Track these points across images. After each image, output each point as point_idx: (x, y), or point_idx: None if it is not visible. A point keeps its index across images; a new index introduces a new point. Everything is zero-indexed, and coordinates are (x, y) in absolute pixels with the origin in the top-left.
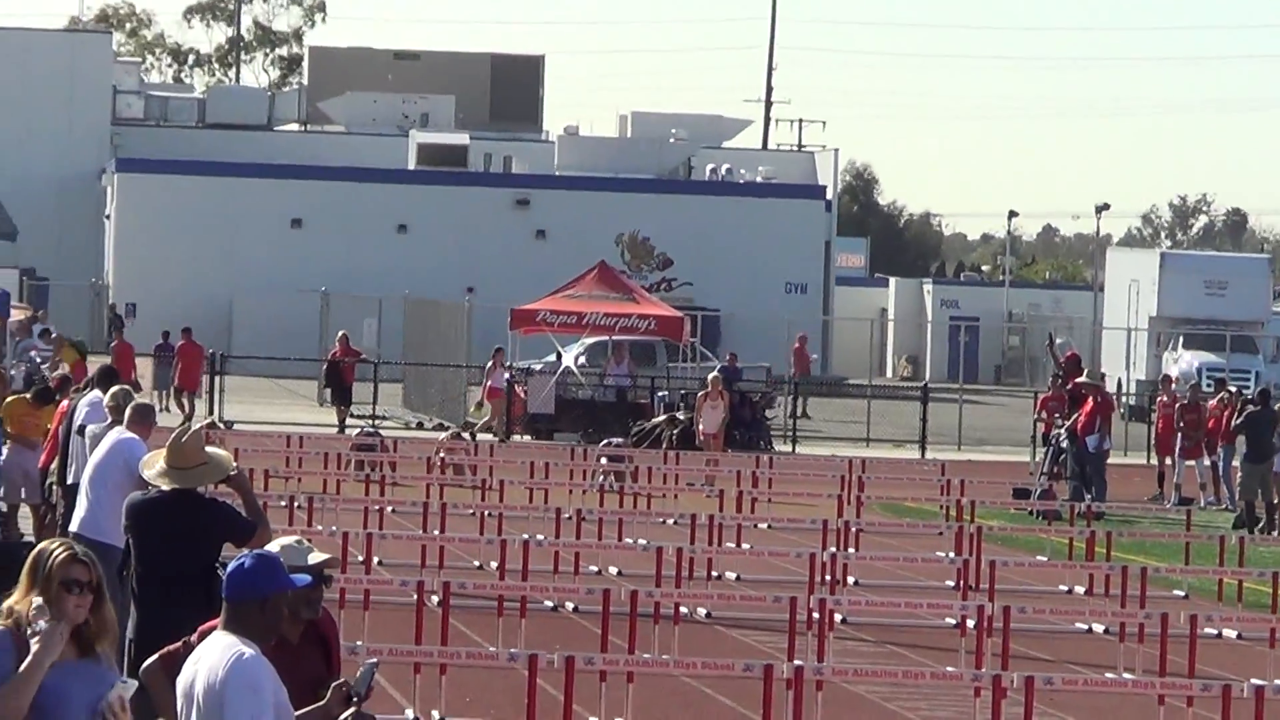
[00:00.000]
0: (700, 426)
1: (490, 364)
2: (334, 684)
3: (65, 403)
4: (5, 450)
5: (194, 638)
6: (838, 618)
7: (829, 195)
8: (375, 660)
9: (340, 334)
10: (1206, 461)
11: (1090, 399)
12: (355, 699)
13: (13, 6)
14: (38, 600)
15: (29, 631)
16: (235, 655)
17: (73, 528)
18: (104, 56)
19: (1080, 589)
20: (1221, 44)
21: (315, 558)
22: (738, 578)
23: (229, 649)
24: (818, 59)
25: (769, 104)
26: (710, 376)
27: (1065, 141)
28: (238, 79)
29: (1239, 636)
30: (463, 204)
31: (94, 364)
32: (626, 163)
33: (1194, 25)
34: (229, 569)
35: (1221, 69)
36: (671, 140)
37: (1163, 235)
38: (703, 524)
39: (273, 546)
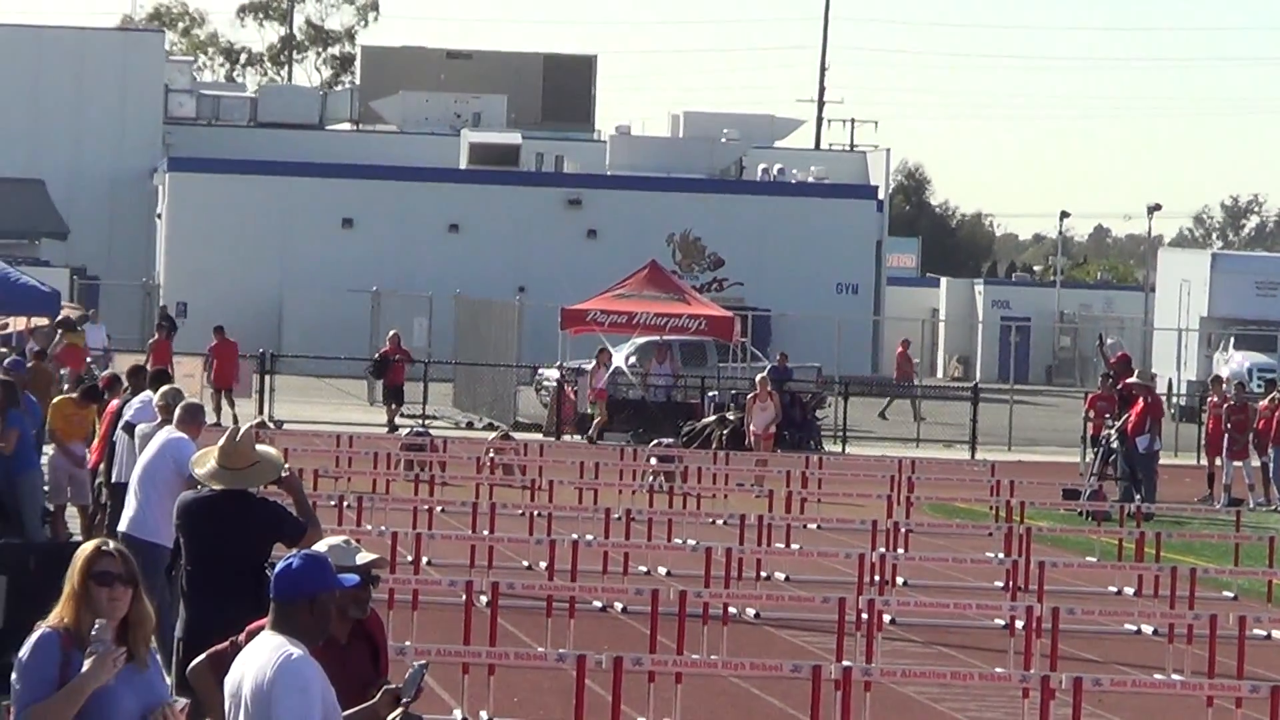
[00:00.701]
0: (750, 427)
1: (594, 365)
2: (383, 686)
3: (115, 402)
4: (50, 450)
5: (242, 637)
6: (886, 618)
7: (881, 195)
8: (425, 662)
9: (391, 332)
10: (1255, 462)
11: (1140, 399)
12: (404, 701)
13: (66, 6)
14: (102, 620)
15: (87, 651)
16: (284, 655)
17: (121, 527)
18: (156, 56)
19: (1129, 590)
20: (1275, 44)
21: (363, 558)
22: (787, 578)
23: (278, 649)
24: (870, 59)
25: (821, 104)
26: (759, 378)
27: (1117, 142)
28: (290, 78)
29: None
30: (514, 203)
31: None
32: (678, 162)
33: (1248, 25)
34: (277, 569)
35: (1274, 69)
36: (723, 140)
37: (1214, 236)
38: (752, 524)
39: (320, 546)
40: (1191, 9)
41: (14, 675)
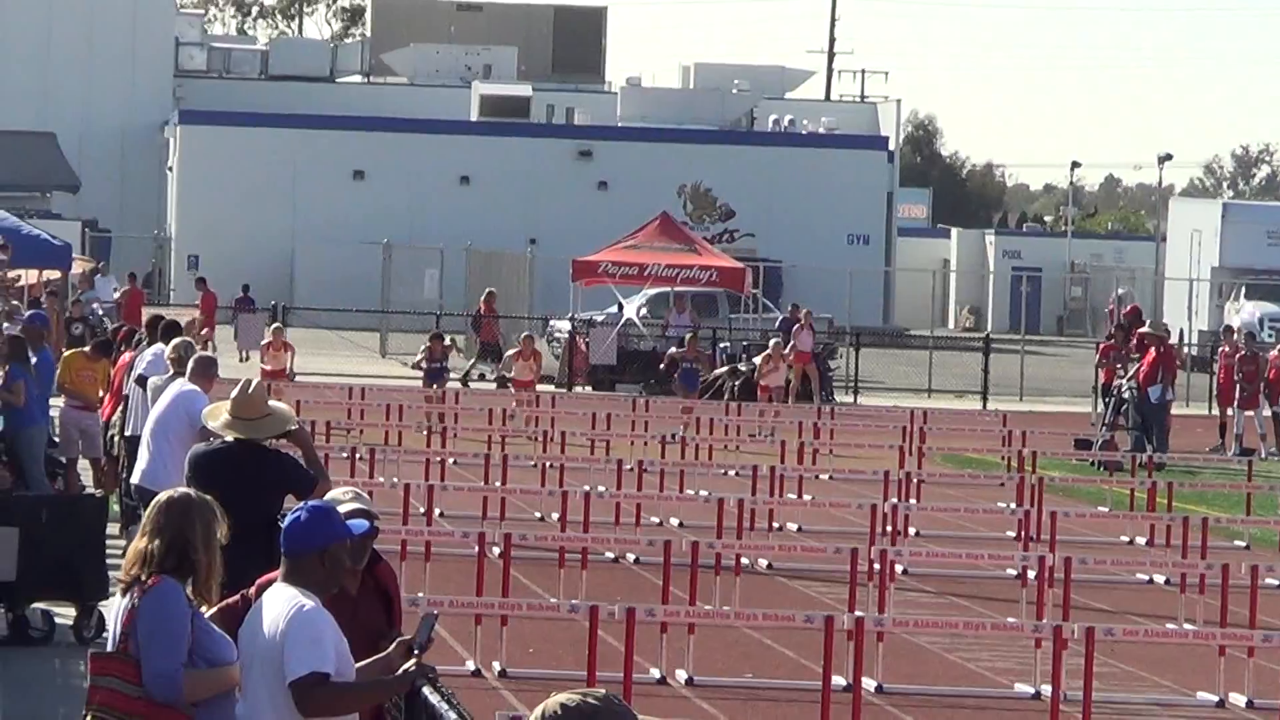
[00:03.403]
0: (762, 383)
1: (798, 325)
2: (396, 637)
3: (128, 355)
4: (60, 404)
5: (252, 591)
6: (899, 569)
7: (891, 146)
8: (435, 612)
9: (487, 290)
10: (1267, 412)
11: (1152, 349)
12: (416, 650)
13: None
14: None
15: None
16: (296, 607)
17: (134, 479)
18: (167, 8)
19: (1141, 540)
20: None
21: (345, 508)
22: (799, 529)
23: (290, 601)
24: (881, 10)
25: (832, 55)
26: (773, 342)
27: (1128, 91)
28: (300, 31)
29: None
30: (525, 155)
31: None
32: (689, 114)
33: None
34: (286, 523)
35: None
36: (734, 91)
37: (1225, 185)
38: (764, 475)
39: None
40: None
41: (142, 628)
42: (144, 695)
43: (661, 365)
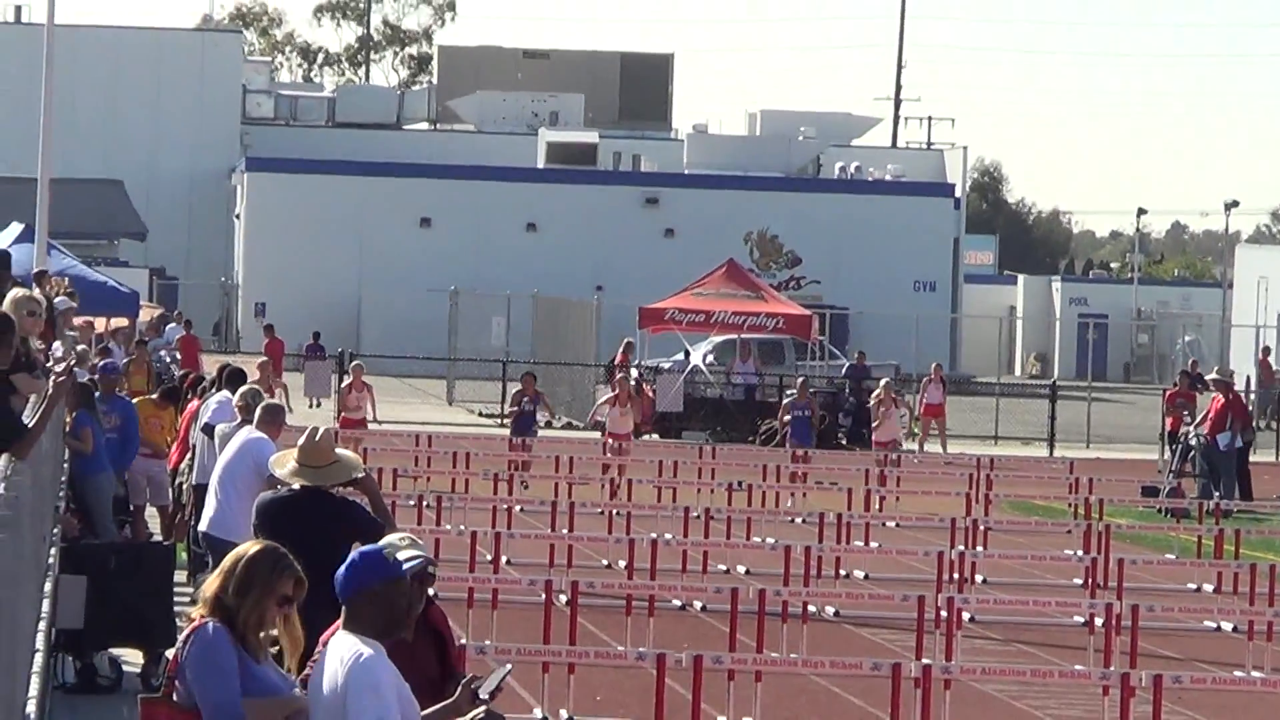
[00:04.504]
0: (876, 437)
1: (927, 378)
2: (463, 681)
3: (196, 403)
4: None
5: (319, 646)
6: (966, 616)
7: (958, 193)
8: (509, 666)
9: (625, 340)
10: None
11: (1220, 396)
12: (485, 698)
13: (145, 6)
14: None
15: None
16: (355, 656)
17: (202, 527)
18: (234, 56)
19: (1209, 587)
20: None
21: (405, 554)
22: (866, 576)
23: (349, 650)
24: (947, 57)
25: (898, 102)
26: (884, 382)
27: (1194, 138)
28: (367, 78)
29: None
30: (592, 202)
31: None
32: (755, 161)
33: None
34: (339, 572)
35: None
36: (800, 138)
37: None
38: (831, 522)
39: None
40: (1271, 4)
41: (191, 671)
42: None
43: (784, 420)
